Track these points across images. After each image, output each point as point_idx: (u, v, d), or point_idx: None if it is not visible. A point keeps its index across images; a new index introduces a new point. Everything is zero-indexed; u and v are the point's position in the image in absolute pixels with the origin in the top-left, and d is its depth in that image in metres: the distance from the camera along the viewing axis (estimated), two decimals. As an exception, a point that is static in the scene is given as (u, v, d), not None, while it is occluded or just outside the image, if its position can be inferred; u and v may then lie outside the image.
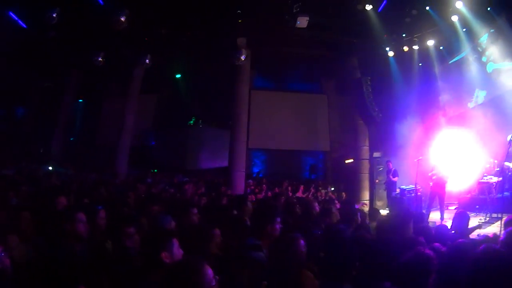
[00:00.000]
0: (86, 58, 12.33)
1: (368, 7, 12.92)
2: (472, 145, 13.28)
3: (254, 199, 10.97)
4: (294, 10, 13.50)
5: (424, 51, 14.46)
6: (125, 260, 3.95)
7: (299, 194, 15.27)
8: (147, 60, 13.44)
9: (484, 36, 12.45)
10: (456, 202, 13.24)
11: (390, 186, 15.07)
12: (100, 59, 12.16)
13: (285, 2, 13.08)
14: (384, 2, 12.77)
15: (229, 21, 14.14)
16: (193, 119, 16.96)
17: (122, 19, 10.64)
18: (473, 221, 10.85)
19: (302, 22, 14.03)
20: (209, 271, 2.50)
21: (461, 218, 6.12)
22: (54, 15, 9.90)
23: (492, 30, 12.20)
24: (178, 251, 3.41)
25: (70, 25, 11.29)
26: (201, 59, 14.87)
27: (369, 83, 15.55)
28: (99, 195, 9.09)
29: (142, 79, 14.07)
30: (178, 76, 15.67)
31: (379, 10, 13.04)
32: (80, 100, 15.13)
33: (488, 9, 11.48)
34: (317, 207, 8.11)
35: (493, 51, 12.43)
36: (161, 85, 15.19)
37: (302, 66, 16.87)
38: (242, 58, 15.19)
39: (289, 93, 18.96)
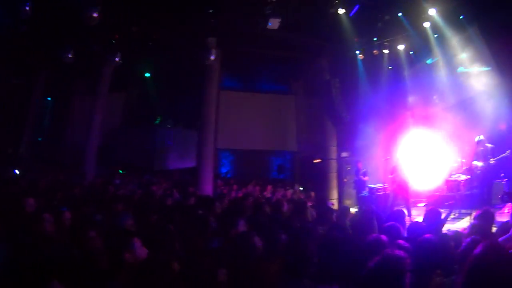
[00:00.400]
0: (56, 55, 11.78)
1: (341, 11, 13.08)
2: (439, 145, 13.83)
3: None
4: (266, 12, 13.54)
5: (394, 55, 14.84)
6: (90, 262, 3.91)
7: (267, 193, 15.38)
8: (117, 59, 13.03)
9: (455, 42, 12.94)
10: (425, 200, 13.75)
11: (359, 185, 15.42)
12: (70, 56, 11.66)
13: (257, 3, 13.00)
14: (357, 6, 13.00)
15: (200, 20, 13.91)
16: (160, 119, 16.63)
17: (95, 15, 10.22)
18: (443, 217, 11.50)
19: (274, 23, 14.01)
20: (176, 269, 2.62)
21: (432, 215, 6.06)
22: (27, 8, 9.34)
23: (463, 37, 12.70)
24: (141, 251, 3.49)
25: (40, 20, 10.76)
26: (171, 58, 14.59)
27: (337, 84, 15.79)
28: (66, 197, 8.90)
29: (111, 77, 13.64)
30: (147, 75, 15.31)
31: (350, 14, 13.26)
32: (49, 99, 14.46)
33: (461, 17, 11.94)
34: (286, 206, 8.25)
35: (463, 57, 12.96)
36: (130, 83, 14.79)
37: (272, 67, 16.91)
38: (212, 58, 15.06)
39: (258, 93, 18.95)
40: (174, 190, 12.69)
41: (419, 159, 14.41)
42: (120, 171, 14.33)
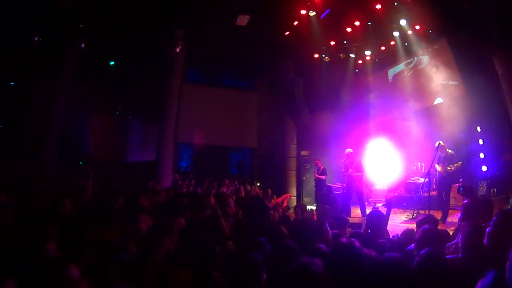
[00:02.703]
0: (21, 37, 11.08)
1: (312, 13, 13.29)
2: (398, 149, 14.49)
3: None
4: (236, 8, 13.52)
5: (361, 59, 15.30)
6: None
7: (224, 189, 15.40)
8: (82, 45, 12.48)
9: (422, 54, 13.58)
10: (383, 200, 14.34)
11: (318, 183, 15.76)
12: (36, 39, 11.03)
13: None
14: (328, 10, 13.27)
15: (169, 11, 13.63)
16: (120, 110, 16.15)
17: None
18: (401, 217, 12.06)
19: (243, 20, 14.07)
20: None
21: (374, 217, 6.04)
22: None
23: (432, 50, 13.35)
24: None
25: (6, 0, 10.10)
26: (136, 47, 14.15)
27: (301, 84, 16.08)
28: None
29: (76, 64, 13.03)
30: (111, 63, 14.78)
31: (321, 17, 13.51)
32: (12, 83, 13.52)
33: (430, 32, 12.54)
34: (232, 203, 8.21)
35: (430, 68, 13.64)
36: (94, 72, 14.17)
37: (237, 63, 16.84)
38: (177, 49, 14.82)
39: (221, 88, 18.80)
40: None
41: (377, 160, 15.03)
42: (81, 162, 13.81)
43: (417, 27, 12.64)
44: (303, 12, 13.24)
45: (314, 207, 14.55)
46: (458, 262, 3.71)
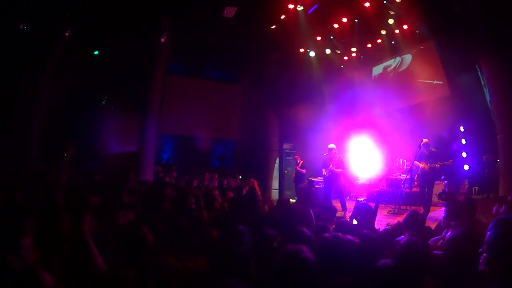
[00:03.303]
0: (6, 25, 10.66)
1: (299, 8, 13.30)
2: (380, 145, 14.75)
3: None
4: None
5: (346, 56, 15.41)
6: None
7: (206, 182, 15.37)
8: (67, 33, 12.12)
9: (408, 53, 13.79)
10: (365, 195, 14.61)
11: (298, 177, 15.92)
12: (21, 27, 10.64)
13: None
14: (316, 5, 13.29)
15: (156, 1, 13.39)
16: (104, 101, 15.79)
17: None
18: (383, 212, 12.32)
19: (230, 12, 13.97)
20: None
21: (362, 209, 6.08)
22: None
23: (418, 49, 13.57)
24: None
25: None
26: (121, 37, 13.84)
27: (285, 78, 16.14)
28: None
29: (60, 54, 12.64)
30: (96, 53, 14.42)
31: (309, 12, 13.54)
32: None
33: (417, 32, 12.73)
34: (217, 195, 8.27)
35: (414, 67, 13.88)
36: (78, 62, 13.77)
37: (221, 55, 16.69)
38: (162, 40, 14.60)
39: (204, 80, 18.59)
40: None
41: (360, 156, 15.28)
42: (65, 154, 13.43)
43: (405, 26, 12.83)
44: (291, 6, 13.25)
45: (295, 200, 14.71)
46: (441, 259, 3.86)
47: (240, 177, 17.29)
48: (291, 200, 13.49)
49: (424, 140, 11.57)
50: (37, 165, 11.41)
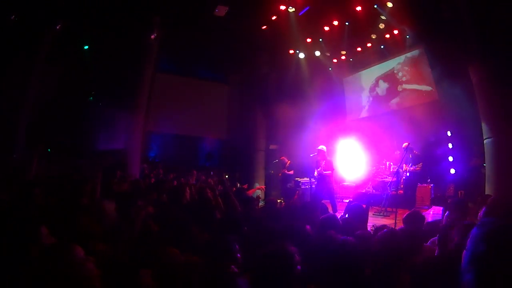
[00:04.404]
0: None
1: (291, 9, 13.37)
2: (367, 147, 14.91)
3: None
4: (216, -1, 13.38)
5: (335, 58, 15.54)
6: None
7: (192, 180, 15.33)
8: (58, 26, 11.95)
9: (397, 58, 13.96)
10: (351, 197, 14.73)
11: (285, 178, 15.97)
12: (12, 17, 10.44)
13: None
14: (307, 8, 13.37)
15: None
16: (92, 97, 15.61)
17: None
18: (369, 213, 12.46)
19: (221, 10, 13.96)
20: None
21: (357, 211, 6.03)
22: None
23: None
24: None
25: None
26: (112, 32, 13.71)
27: (274, 79, 16.20)
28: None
29: (49, 47, 12.45)
30: (86, 47, 14.23)
31: (300, 13, 13.61)
32: None
33: (407, 37, 12.91)
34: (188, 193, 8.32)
35: (404, 72, 14.07)
36: (67, 56, 13.58)
37: (211, 54, 16.65)
38: (152, 37, 14.51)
39: (193, 79, 18.54)
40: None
41: (347, 158, 15.41)
42: (49, 150, 13.25)
43: (395, 31, 13.01)
44: (282, 7, 13.31)
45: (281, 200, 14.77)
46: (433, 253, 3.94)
47: (227, 176, 17.31)
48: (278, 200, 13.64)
49: (405, 144, 11.78)
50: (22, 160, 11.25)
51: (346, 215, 6.37)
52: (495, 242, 1.79)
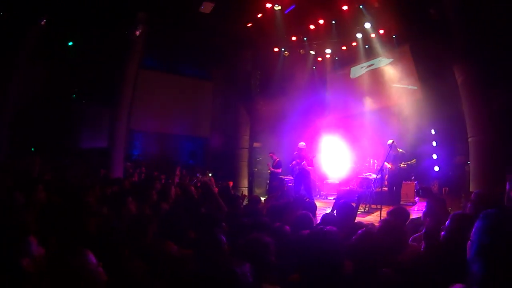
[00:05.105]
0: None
1: (277, 7, 13.38)
2: (351, 145, 15.08)
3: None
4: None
5: (320, 57, 15.61)
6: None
7: (176, 178, 15.25)
8: (43, 22, 11.66)
9: (383, 58, 14.10)
10: (335, 193, 14.88)
11: (272, 176, 16.00)
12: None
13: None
14: (293, 6, 13.41)
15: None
16: (75, 94, 15.33)
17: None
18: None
19: (207, 7, 13.86)
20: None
21: (345, 208, 6.10)
22: None
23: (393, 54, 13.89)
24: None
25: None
26: (96, 27, 13.48)
27: (258, 77, 16.20)
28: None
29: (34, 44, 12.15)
30: (70, 43, 13.93)
31: (286, 11, 13.64)
32: None
33: (393, 36, 13.06)
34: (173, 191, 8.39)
35: (388, 71, 14.24)
36: (51, 53, 13.28)
37: (195, 51, 16.53)
38: (137, 33, 14.30)
39: (177, 76, 18.37)
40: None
41: (331, 155, 15.56)
42: (32, 149, 12.99)
43: (381, 31, 13.16)
44: (268, 5, 13.32)
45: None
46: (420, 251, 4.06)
47: (210, 174, 17.24)
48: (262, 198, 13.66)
49: (389, 141, 11.97)
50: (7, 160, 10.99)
51: (335, 212, 6.50)
52: (500, 233, 1.86)
